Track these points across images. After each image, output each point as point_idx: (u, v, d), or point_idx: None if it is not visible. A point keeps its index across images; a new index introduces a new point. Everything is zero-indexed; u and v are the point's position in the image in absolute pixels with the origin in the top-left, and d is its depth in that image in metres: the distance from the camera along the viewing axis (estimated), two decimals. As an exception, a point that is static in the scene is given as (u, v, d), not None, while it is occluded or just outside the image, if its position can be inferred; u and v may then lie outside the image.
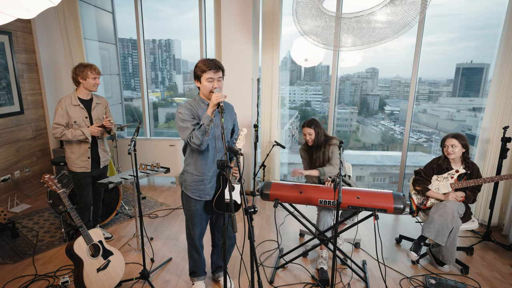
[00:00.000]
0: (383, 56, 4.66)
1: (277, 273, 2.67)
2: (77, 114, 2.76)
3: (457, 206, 2.60)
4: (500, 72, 3.21)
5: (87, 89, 2.78)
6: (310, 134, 2.79)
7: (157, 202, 4.07)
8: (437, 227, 2.57)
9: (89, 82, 2.74)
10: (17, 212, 3.73)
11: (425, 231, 2.63)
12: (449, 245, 2.59)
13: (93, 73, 2.75)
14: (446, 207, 2.59)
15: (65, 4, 4.21)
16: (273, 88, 4.16)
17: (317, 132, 2.78)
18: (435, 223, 2.59)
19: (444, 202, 2.66)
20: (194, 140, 1.94)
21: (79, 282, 2.17)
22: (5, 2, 1.03)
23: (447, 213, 2.56)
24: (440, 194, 2.76)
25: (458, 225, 2.57)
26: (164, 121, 5.50)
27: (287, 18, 4.04)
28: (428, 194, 2.81)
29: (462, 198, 2.69)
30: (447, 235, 2.56)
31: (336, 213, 2.03)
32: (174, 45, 5.41)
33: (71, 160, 2.81)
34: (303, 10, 2.52)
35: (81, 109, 2.78)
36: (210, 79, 1.99)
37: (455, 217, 2.56)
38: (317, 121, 2.82)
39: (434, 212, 2.64)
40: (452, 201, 2.64)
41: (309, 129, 2.79)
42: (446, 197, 2.71)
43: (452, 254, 2.61)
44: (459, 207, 2.61)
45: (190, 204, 2.18)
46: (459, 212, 2.60)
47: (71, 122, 2.74)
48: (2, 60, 3.79)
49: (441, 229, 2.56)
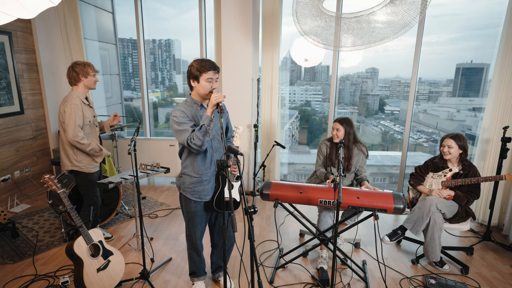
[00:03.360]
0: (383, 56, 4.66)
1: (277, 273, 2.67)
2: (89, 113, 2.71)
3: (438, 201, 2.63)
4: (500, 72, 3.21)
5: (88, 87, 2.73)
6: (338, 129, 2.77)
7: (157, 202, 4.07)
8: (414, 219, 2.67)
9: (90, 79, 2.70)
10: (17, 212, 3.73)
11: (405, 221, 2.73)
12: (429, 240, 2.63)
13: (93, 70, 2.72)
14: (425, 200, 2.66)
15: (65, 4, 4.21)
16: (273, 88, 4.16)
17: (347, 132, 2.76)
18: (414, 215, 2.68)
19: (427, 196, 2.72)
20: (196, 141, 1.92)
21: (79, 282, 2.17)
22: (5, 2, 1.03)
23: (425, 206, 2.63)
24: (425, 189, 2.83)
25: (437, 221, 2.59)
26: (164, 121, 5.50)
27: (287, 18, 4.04)
28: (418, 189, 2.90)
29: (449, 196, 2.70)
30: (421, 227, 2.63)
31: (336, 213, 2.03)
32: (174, 45, 5.41)
33: (85, 163, 2.73)
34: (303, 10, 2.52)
35: (90, 108, 2.75)
36: (209, 79, 1.97)
37: (431, 211, 2.60)
38: (350, 121, 2.80)
39: (416, 205, 2.74)
40: (434, 196, 2.68)
41: (339, 124, 2.77)
42: (429, 192, 2.77)
43: (434, 250, 2.64)
44: (441, 203, 2.63)
45: (190, 205, 2.18)
46: (439, 207, 2.61)
47: (86, 122, 2.68)
48: (2, 60, 3.79)
49: (418, 221, 2.64)
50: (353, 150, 2.80)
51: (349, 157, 2.79)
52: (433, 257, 2.67)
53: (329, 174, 2.80)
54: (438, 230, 2.60)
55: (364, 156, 2.83)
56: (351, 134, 2.78)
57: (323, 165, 2.91)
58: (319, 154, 2.93)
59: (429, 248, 2.65)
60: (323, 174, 2.83)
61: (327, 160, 2.87)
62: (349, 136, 2.77)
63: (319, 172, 2.88)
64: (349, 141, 2.77)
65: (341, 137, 2.77)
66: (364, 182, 2.73)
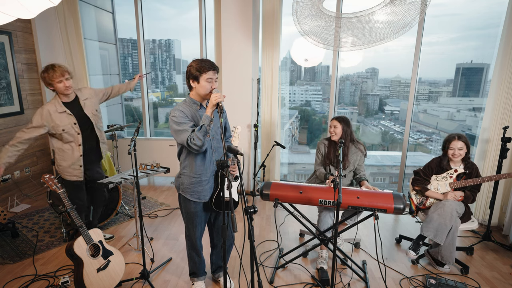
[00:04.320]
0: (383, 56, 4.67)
1: (277, 273, 2.67)
2: (65, 121, 2.56)
3: (456, 205, 2.61)
4: (500, 72, 3.21)
5: (61, 93, 2.55)
6: (336, 127, 2.78)
7: (157, 202, 4.07)
8: (436, 226, 2.58)
9: (57, 87, 2.49)
10: (17, 212, 3.73)
11: (424, 230, 2.63)
12: (448, 244, 2.59)
13: (56, 76, 2.46)
14: (445, 206, 2.59)
15: (65, 4, 4.21)
16: (273, 88, 4.16)
17: (345, 130, 2.77)
18: (434, 222, 2.59)
19: (443, 201, 2.66)
20: (196, 142, 1.91)
21: (79, 282, 2.17)
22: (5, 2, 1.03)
23: (446, 212, 2.57)
24: (439, 194, 2.76)
25: (457, 225, 2.57)
26: (164, 121, 5.50)
27: (287, 18, 4.04)
28: (427, 194, 2.80)
29: (461, 197, 2.69)
30: (445, 234, 2.56)
31: (336, 213, 2.03)
32: (174, 45, 5.41)
33: (62, 168, 2.67)
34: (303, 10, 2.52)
35: (68, 115, 2.57)
36: (209, 79, 1.97)
37: (453, 216, 2.56)
38: (347, 120, 2.81)
39: (433, 211, 2.65)
40: (451, 200, 2.64)
41: (336, 122, 2.78)
42: (445, 197, 2.71)
43: (451, 254, 2.61)
44: (458, 207, 2.61)
45: (190, 206, 2.17)
46: (458, 211, 2.60)
47: (59, 131, 2.55)
48: (2, 60, 3.79)
49: (440, 228, 2.56)
50: (350, 147, 2.80)
51: (347, 154, 2.80)
52: (450, 261, 2.62)
53: (328, 174, 2.80)
54: (456, 234, 2.59)
55: (362, 155, 2.84)
56: (348, 132, 2.79)
57: (322, 165, 2.91)
58: (317, 153, 2.94)
59: (447, 252, 2.60)
60: (323, 174, 2.84)
61: (325, 159, 2.88)
62: (346, 134, 2.78)
63: (318, 172, 2.88)
64: (346, 139, 2.78)
65: (338, 134, 2.77)
66: (364, 182, 2.73)
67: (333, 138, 2.83)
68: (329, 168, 2.88)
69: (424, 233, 2.63)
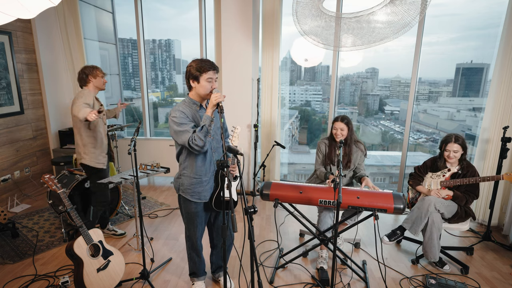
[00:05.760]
0: (383, 56, 4.66)
1: (277, 273, 2.67)
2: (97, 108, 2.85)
3: (437, 201, 2.63)
4: (500, 72, 3.21)
5: (98, 87, 2.88)
6: (342, 129, 2.76)
7: (157, 202, 4.07)
8: (413, 219, 2.68)
9: (99, 80, 2.86)
10: (17, 212, 3.73)
11: (404, 221, 2.74)
12: (428, 240, 2.63)
13: (102, 72, 2.89)
14: (424, 200, 2.66)
15: (65, 4, 4.21)
16: (273, 88, 4.16)
17: (350, 134, 2.77)
18: (413, 215, 2.69)
19: (425, 196, 2.73)
20: (197, 142, 1.90)
21: (79, 282, 2.17)
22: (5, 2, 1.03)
23: (424, 206, 2.63)
24: (425, 189, 2.84)
25: (435, 220, 2.59)
26: (164, 121, 5.50)
27: (287, 18, 4.04)
28: (417, 189, 2.90)
29: (447, 196, 2.70)
30: (420, 227, 2.63)
31: (336, 213, 2.03)
32: (174, 45, 5.41)
33: (95, 155, 2.86)
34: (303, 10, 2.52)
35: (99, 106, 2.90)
36: (209, 79, 1.96)
37: (430, 211, 2.60)
38: (350, 119, 2.81)
39: (415, 205, 2.74)
40: (432, 196, 2.68)
41: (343, 124, 2.75)
42: (428, 192, 2.77)
43: (432, 250, 2.63)
44: (440, 203, 2.63)
45: (190, 207, 2.17)
46: (437, 207, 2.61)
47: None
48: (2, 60, 3.79)
49: (416, 221, 2.65)
50: (352, 148, 2.80)
51: (349, 154, 2.80)
52: (432, 257, 2.67)
53: (329, 174, 2.80)
54: (437, 230, 2.60)
55: (362, 154, 2.84)
56: (353, 132, 2.80)
57: (323, 164, 2.91)
58: (318, 153, 2.94)
59: (428, 248, 2.65)
60: (323, 173, 2.83)
61: (327, 159, 2.88)
62: (351, 136, 2.79)
63: (319, 171, 2.88)
64: (350, 139, 2.78)
65: (344, 136, 2.77)
66: (365, 178, 2.73)
67: (338, 139, 2.82)
68: (330, 167, 2.88)
69: (403, 224, 2.73)
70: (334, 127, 2.81)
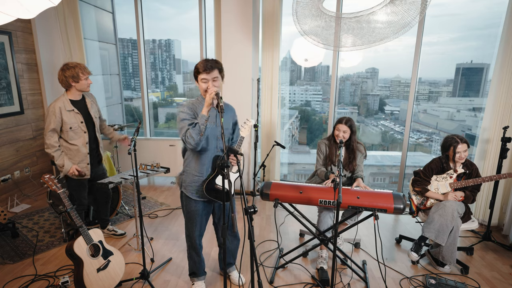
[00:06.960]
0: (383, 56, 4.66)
1: (277, 273, 2.67)
2: (73, 119, 2.66)
3: (457, 205, 2.61)
4: (500, 72, 3.21)
5: (81, 90, 2.69)
6: (345, 131, 2.73)
7: (157, 202, 4.07)
8: (437, 227, 2.58)
9: (82, 83, 2.63)
10: (17, 212, 3.73)
11: (425, 231, 2.63)
12: (449, 245, 2.58)
13: (85, 74, 2.63)
14: (446, 207, 2.59)
15: (65, 4, 4.21)
16: (273, 88, 4.16)
17: (353, 134, 2.75)
18: (435, 223, 2.59)
19: (443, 202, 2.66)
20: (189, 140, 1.94)
21: (79, 282, 2.17)
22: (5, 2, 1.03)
23: (447, 212, 2.57)
24: (439, 194, 2.76)
25: (458, 225, 2.57)
26: (164, 121, 5.50)
27: (287, 18, 4.04)
28: (427, 195, 2.80)
29: (461, 197, 2.69)
30: (447, 235, 2.56)
31: (336, 213, 2.03)
32: (174, 45, 5.41)
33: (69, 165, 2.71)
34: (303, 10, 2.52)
35: (76, 114, 2.68)
36: (204, 80, 2.01)
37: (454, 217, 2.56)
38: (354, 122, 2.79)
39: (434, 212, 2.64)
40: (451, 200, 2.64)
41: (346, 127, 2.72)
42: (445, 197, 2.71)
43: (452, 254, 2.60)
44: (459, 207, 2.61)
45: (190, 204, 2.19)
46: (459, 211, 2.60)
47: (66, 129, 2.64)
48: (2, 60, 3.79)
49: (441, 229, 2.56)
50: (356, 153, 2.80)
51: (354, 158, 2.79)
52: (452, 261, 2.61)
53: (329, 173, 2.79)
54: (458, 234, 2.58)
55: (361, 155, 2.83)
56: (355, 134, 2.78)
57: (324, 165, 2.91)
58: (318, 153, 2.92)
59: (449, 252, 2.59)
60: (324, 173, 2.83)
61: (327, 159, 2.87)
62: (354, 138, 2.78)
63: (319, 171, 2.88)
64: (353, 143, 2.78)
65: (347, 138, 2.75)
66: (358, 179, 2.72)
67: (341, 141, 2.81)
68: (331, 168, 2.87)
69: (425, 234, 2.63)
70: (337, 128, 2.77)
